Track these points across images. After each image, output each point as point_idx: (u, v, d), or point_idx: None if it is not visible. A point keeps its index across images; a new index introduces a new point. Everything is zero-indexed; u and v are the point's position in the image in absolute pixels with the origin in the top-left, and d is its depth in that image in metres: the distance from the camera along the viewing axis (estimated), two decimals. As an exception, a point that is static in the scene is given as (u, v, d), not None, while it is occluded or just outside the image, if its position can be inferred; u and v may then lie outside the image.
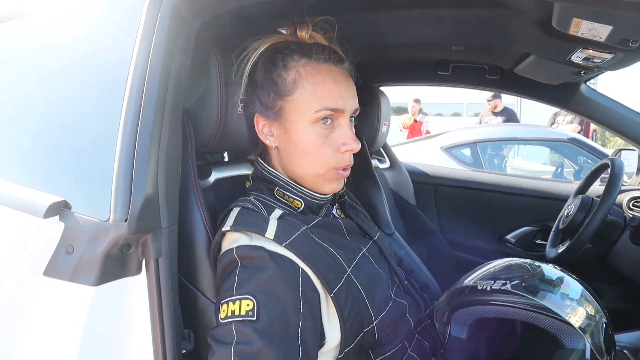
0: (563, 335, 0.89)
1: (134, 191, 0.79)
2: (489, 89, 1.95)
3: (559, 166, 5.12)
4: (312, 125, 0.92)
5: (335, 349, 0.90)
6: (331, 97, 0.92)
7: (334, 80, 0.93)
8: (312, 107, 0.91)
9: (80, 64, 0.98)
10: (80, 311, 0.81)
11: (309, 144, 0.93)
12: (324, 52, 0.94)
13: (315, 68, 0.93)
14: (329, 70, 0.94)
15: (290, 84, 0.93)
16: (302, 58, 0.93)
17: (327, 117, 0.92)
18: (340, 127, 0.94)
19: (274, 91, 0.94)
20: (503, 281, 0.95)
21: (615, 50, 1.10)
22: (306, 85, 0.92)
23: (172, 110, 0.85)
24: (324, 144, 0.93)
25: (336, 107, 0.92)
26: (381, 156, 2.22)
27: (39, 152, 1.02)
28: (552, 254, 1.63)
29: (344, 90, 0.94)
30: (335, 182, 0.98)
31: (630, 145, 2.21)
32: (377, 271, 1.04)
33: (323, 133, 0.93)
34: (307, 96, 0.92)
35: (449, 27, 1.35)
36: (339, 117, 0.94)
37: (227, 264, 0.86)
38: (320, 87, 0.92)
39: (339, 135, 0.94)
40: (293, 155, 0.95)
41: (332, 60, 0.95)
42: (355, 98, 0.97)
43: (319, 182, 0.97)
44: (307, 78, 0.92)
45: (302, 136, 0.93)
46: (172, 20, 0.84)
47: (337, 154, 0.94)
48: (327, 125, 0.93)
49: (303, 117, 0.92)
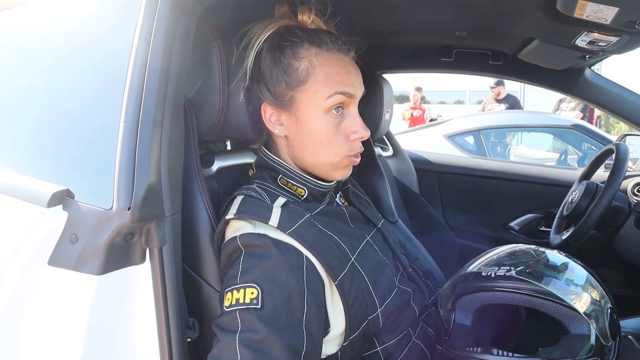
0: (568, 320, 0.89)
1: (137, 179, 0.79)
2: (492, 75, 1.94)
3: (563, 153, 5.10)
4: (324, 114, 0.92)
5: (340, 337, 0.90)
6: (342, 84, 0.92)
7: (347, 69, 0.94)
8: (325, 93, 0.91)
9: (81, 52, 0.97)
10: (84, 300, 0.81)
11: (322, 133, 0.93)
12: (335, 42, 0.94)
13: (327, 58, 0.93)
14: (341, 60, 0.94)
15: (303, 73, 0.92)
16: (312, 47, 0.92)
17: (339, 104, 0.92)
18: (349, 115, 0.95)
19: (285, 81, 0.93)
20: (507, 267, 0.94)
21: (620, 33, 1.08)
22: (319, 75, 0.91)
23: (174, 98, 0.85)
24: (336, 134, 0.93)
25: (347, 91, 0.92)
26: (384, 144, 2.21)
27: (41, 141, 1.02)
28: (557, 240, 1.63)
29: (355, 77, 0.95)
30: (347, 169, 0.99)
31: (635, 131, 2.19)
32: (381, 259, 1.04)
33: (335, 122, 0.93)
34: (320, 85, 0.91)
35: (451, 12, 1.34)
36: (349, 104, 0.94)
37: (231, 252, 0.86)
38: (333, 76, 0.92)
39: (349, 124, 0.94)
40: (305, 145, 0.95)
41: (342, 51, 0.95)
42: (362, 85, 0.98)
43: (331, 170, 0.97)
44: (321, 68, 0.92)
45: (315, 126, 0.93)
46: (173, 7, 0.83)
47: (348, 142, 0.94)
48: (339, 114, 0.93)
49: (316, 107, 0.92)
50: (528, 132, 5.50)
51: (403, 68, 2.11)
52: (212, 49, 0.97)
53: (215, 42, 0.97)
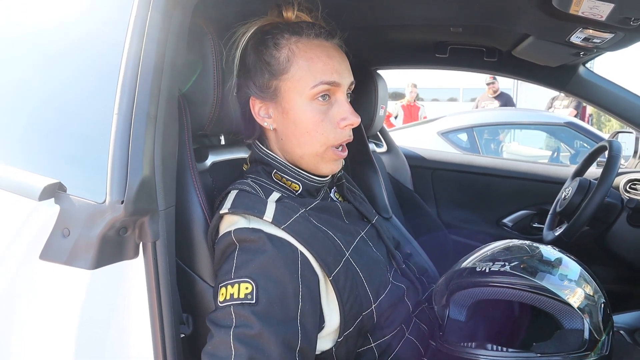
0: (562, 315, 0.90)
1: (130, 173, 0.78)
2: (486, 71, 1.93)
3: (555, 150, 5.13)
4: (310, 102, 0.91)
5: (334, 333, 0.90)
6: (326, 71, 0.91)
7: (328, 54, 0.93)
8: (309, 82, 0.90)
9: (74, 46, 0.96)
10: (77, 295, 0.80)
11: (309, 122, 0.92)
12: (313, 28, 0.93)
13: (307, 44, 0.92)
14: (322, 45, 0.93)
15: (284, 62, 0.92)
16: (292, 36, 0.92)
17: (324, 92, 0.91)
18: (338, 102, 0.94)
19: (268, 71, 0.93)
20: (502, 262, 0.95)
21: (615, 30, 1.09)
22: (300, 62, 0.91)
23: (168, 92, 0.84)
24: (323, 121, 0.92)
25: (332, 80, 0.91)
26: (378, 140, 2.21)
27: (33, 134, 1.00)
28: (550, 236, 1.63)
29: (338, 63, 0.93)
30: (334, 162, 0.97)
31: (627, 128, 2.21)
32: (376, 254, 1.04)
33: (322, 110, 0.92)
34: (303, 72, 0.91)
35: (447, 8, 1.34)
36: (336, 92, 0.93)
37: (225, 247, 0.86)
38: (315, 62, 0.91)
39: (337, 111, 0.93)
40: (292, 135, 0.94)
41: (323, 35, 0.94)
42: (350, 72, 0.96)
43: (317, 162, 0.96)
44: (301, 54, 0.91)
45: (301, 114, 0.92)
46: (167, 0, 0.82)
47: (337, 130, 0.93)
48: (326, 101, 0.92)
49: (300, 95, 0.91)
50: (521, 130, 5.52)
51: (398, 64, 2.11)
52: (207, 43, 0.96)
53: (209, 36, 0.96)
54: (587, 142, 4.44)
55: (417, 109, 7.54)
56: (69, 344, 0.81)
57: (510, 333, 1.03)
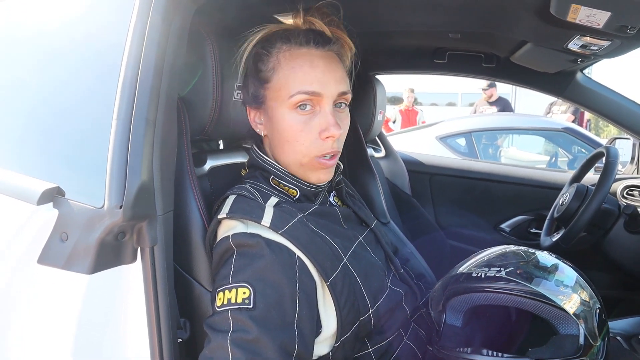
0: (557, 321, 0.90)
1: (129, 177, 0.78)
2: (485, 77, 1.94)
3: (553, 156, 5.13)
4: (290, 111, 0.91)
5: (331, 338, 0.90)
6: (306, 81, 0.90)
7: (311, 64, 0.91)
8: (288, 92, 0.90)
9: (73, 49, 0.96)
10: (74, 299, 0.80)
11: (288, 131, 0.91)
12: (302, 36, 0.92)
13: (293, 53, 0.92)
14: (307, 54, 0.92)
15: (270, 70, 0.92)
16: (283, 44, 0.92)
17: (304, 102, 0.90)
18: (321, 113, 0.91)
19: (258, 79, 0.94)
20: (498, 268, 0.95)
21: (612, 37, 1.09)
22: (283, 71, 0.91)
23: (167, 96, 0.84)
24: (303, 131, 0.91)
25: (311, 90, 0.89)
26: (377, 145, 2.21)
27: (32, 138, 1.01)
28: (547, 242, 1.64)
29: (322, 73, 0.91)
30: (321, 171, 0.95)
31: (624, 134, 2.22)
32: (374, 259, 1.04)
33: (302, 120, 0.91)
34: (283, 82, 0.91)
35: (446, 14, 1.34)
36: (319, 102, 0.91)
37: (223, 252, 0.86)
38: (296, 71, 0.90)
39: (319, 122, 0.91)
40: (277, 143, 0.95)
41: (312, 43, 0.92)
42: (340, 82, 0.93)
43: (304, 171, 0.96)
44: (285, 63, 0.91)
45: (282, 123, 0.92)
46: (167, 4, 0.83)
47: (318, 141, 0.91)
48: (307, 111, 0.91)
49: (281, 104, 0.91)
50: (519, 135, 5.53)
51: (396, 69, 2.11)
52: (206, 48, 0.97)
53: (209, 41, 0.97)
54: (585, 148, 4.44)
55: (415, 113, 7.55)
56: (66, 348, 0.81)
57: (506, 338, 1.03)
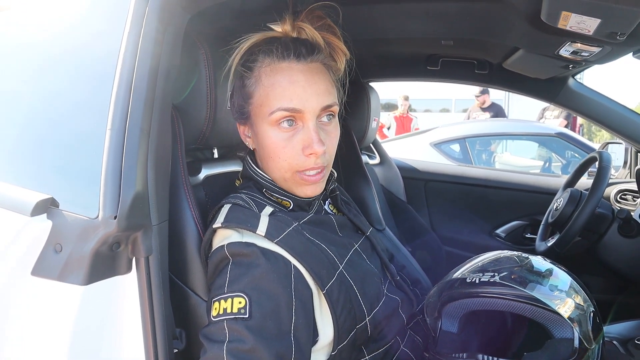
0: (552, 325, 0.90)
1: (123, 188, 0.78)
2: (478, 83, 1.96)
3: (547, 161, 5.17)
4: (272, 128, 0.90)
5: (328, 346, 0.89)
6: (284, 98, 0.88)
7: (290, 79, 0.89)
8: (269, 109, 0.89)
9: (67, 58, 0.97)
10: (69, 311, 0.80)
11: (270, 147, 0.91)
12: (282, 49, 0.89)
13: (273, 68, 0.90)
14: (288, 69, 0.89)
15: (252, 86, 0.91)
16: (265, 58, 0.90)
17: (286, 118, 0.89)
18: (304, 129, 0.90)
19: (242, 95, 0.93)
20: (492, 273, 0.95)
21: (602, 44, 1.11)
22: (264, 87, 0.90)
23: (161, 105, 0.84)
24: (285, 148, 0.90)
25: (290, 106, 0.88)
26: (371, 152, 2.22)
27: (25, 149, 1.00)
28: (542, 247, 1.64)
29: (302, 88, 0.88)
30: (306, 187, 0.94)
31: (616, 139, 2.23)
32: (369, 267, 1.04)
33: (284, 136, 0.89)
34: (264, 99, 0.89)
35: (438, 21, 1.35)
36: (301, 118, 0.89)
37: (219, 262, 0.86)
38: (275, 88, 0.89)
39: (302, 138, 0.89)
40: (263, 158, 0.95)
41: (293, 56, 0.89)
42: (322, 95, 0.90)
43: (290, 186, 0.95)
44: (266, 79, 0.90)
45: (265, 139, 0.91)
46: (161, 13, 0.83)
47: (301, 157, 0.90)
48: (290, 127, 0.89)
49: (263, 120, 0.90)
50: (513, 140, 5.56)
51: (390, 76, 2.12)
52: (200, 56, 0.97)
53: (203, 49, 0.97)
54: (578, 153, 4.48)
55: (409, 120, 7.58)
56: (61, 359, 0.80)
57: (502, 343, 1.03)
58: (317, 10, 0.94)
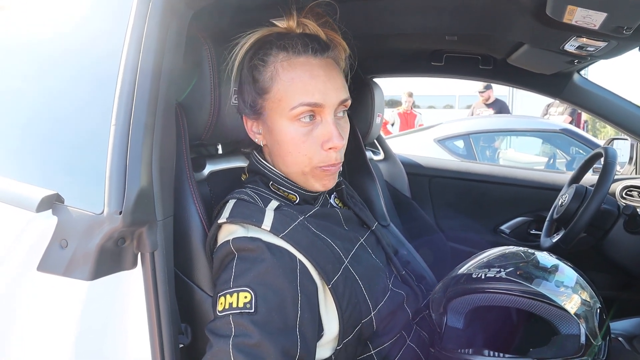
0: (558, 321, 0.90)
1: (128, 183, 0.78)
2: (482, 79, 1.95)
3: (551, 157, 5.15)
4: (291, 123, 0.90)
5: (334, 341, 0.90)
6: (306, 92, 0.88)
7: (311, 74, 0.89)
8: (289, 104, 0.89)
9: (70, 56, 0.97)
10: (75, 306, 0.80)
11: (290, 142, 0.91)
12: (301, 43, 0.90)
13: (291, 63, 0.90)
14: (306, 64, 0.90)
15: (268, 81, 0.90)
16: (280, 52, 0.90)
17: (307, 113, 0.89)
18: (323, 123, 0.91)
19: (255, 89, 0.92)
20: (497, 269, 0.95)
21: (608, 38, 1.10)
22: (282, 82, 0.89)
23: (165, 101, 0.84)
24: (305, 142, 0.90)
25: (313, 101, 0.88)
26: (375, 148, 2.21)
27: (30, 145, 1.01)
28: (547, 243, 1.64)
29: (322, 83, 0.89)
30: (325, 178, 0.95)
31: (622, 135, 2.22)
32: (375, 261, 1.04)
33: (304, 131, 0.90)
34: (283, 93, 0.89)
35: (442, 16, 1.35)
36: (321, 112, 0.90)
37: (224, 257, 0.86)
38: (296, 82, 0.88)
39: (321, 132, 0.90)
40: (278, 153, 0.94)
41: (310, 51, 0.90)
42: (340, 90, 0.92)
43: (306, 180, 0.95)
44: (284, 74, 0.89)
45: (283, 135, 0.91)
46: (164, 10, 0.83)
47: (321, 152, 0.91)
48: (309, 122, 0.90)
49: (281, 115, 0.90)
50: (517, 136, 5.54)
51: (394, 72, 2.12)
52: (204, 53, 0.97)
53: (206, 46, 0.97)
54: (582, 149, 4.46)
55: (413, 116, 7.57)
56: (67, 355, 0.81)
57: (508, 339, 1.03)
58: (316, 8, 0.95)
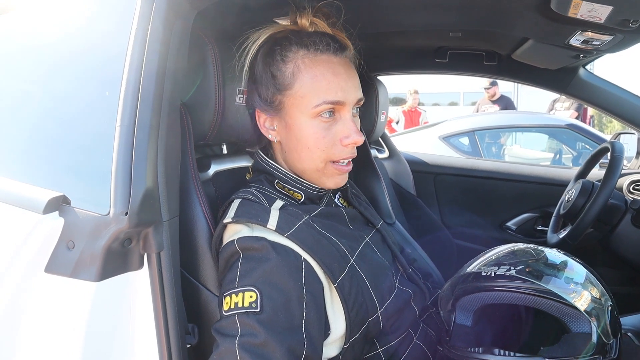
0: (569, 319, 0.89)
1: (134, 184, 0.78)
2: (486, 75, 1.94)
3: (558, 152, 5.12)
4: (312, 119, 0.91)
5: (340, 339, 0.89)
6: (330, 90, 0.89)
7: (333, 71, 0.91)
8: (312, 101, 0.89)
9: (75, 57, 0.97)
10: (82, 307, 0.80)
11: (310, 138, 0.91)
12: (322, 42, 0.91)
13: (313, 60, 0.91)
14: (328, 61, 0.91)
15: (289, 77, 0.91)
16: (300, 49, 0.91)
17: (327, 110, 0.90)
18: (342, 120, 0.92)
19: (274, 85, 0.92)
20: (507, 267, 0.94)
21: (614, 32, 1.09)
22: (305, 79, 0.90)
23: (170, 102, 0.84)
24: (325, 138, 0.91)
25: (336, 99, 0.89)
26: (380, 146, 2.21)
27: (36, 147, 1.01)
28: (554, 239, 1.63)
29: (344, 81, 0.91)
30: (338, 176, 0.97)
31: (629, 129, 2.21)
32: (381, 260, 1.03)
33: (324, 127, 0.91)
34: (306, 90, 0.90)
35: (446, 13, 1.34)
36: (340, 109, 0.92)
37: (229, 256, 0.86)
38: (319, 79, 0.89)
39: (341, 129, 0.92)
40: (294, 149, 0.94)
41: (331, 50, 0.92)
42: (358, 88, 0.95)
43: (320, 177, 0.96)
44: (306, 71, 0.90)
45: (303, 131, 0.91)
46: (168, 11, 0.83)
47: (338, 146, 0.92)
48: (329, 118, 0.91)
49: (303, 112, 0.90)
50: (522, 133, 5.52)
51: (398, 70, 2.11)
52: (208, 53, 0.97)
53: (210, 46, 0.97)
54: (589, 144, 4.43)
55: (418, 114, 7.55)
56: (75, 356, 0.81)
57: (518, 337, 1.02)
58: (323, 8, 0.96)
